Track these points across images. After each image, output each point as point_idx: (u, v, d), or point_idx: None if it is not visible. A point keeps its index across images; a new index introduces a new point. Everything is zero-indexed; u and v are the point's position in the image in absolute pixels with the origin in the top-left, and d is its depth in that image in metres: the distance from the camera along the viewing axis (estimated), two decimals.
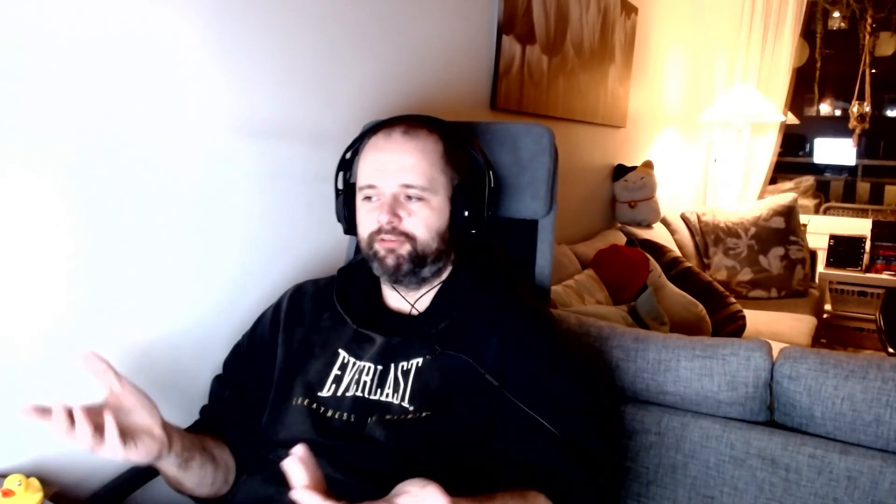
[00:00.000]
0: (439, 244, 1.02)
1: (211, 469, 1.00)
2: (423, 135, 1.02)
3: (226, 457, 1.04)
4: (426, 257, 1.01)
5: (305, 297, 1.12)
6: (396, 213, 0.99)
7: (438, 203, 1.01)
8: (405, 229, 0.99)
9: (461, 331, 1.00)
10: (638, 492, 1.32)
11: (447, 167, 1.03)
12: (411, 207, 1.00)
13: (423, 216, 1.00)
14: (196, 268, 1.22)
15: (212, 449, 1.02)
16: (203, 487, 1.00)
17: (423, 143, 1.01)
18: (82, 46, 1.00)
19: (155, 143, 1.12)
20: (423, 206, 1.00)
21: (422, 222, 1.00)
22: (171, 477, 0.97)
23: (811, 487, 1.19)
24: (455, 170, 1.04)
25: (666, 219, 3.37)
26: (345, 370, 1.02)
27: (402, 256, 0.99)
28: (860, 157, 7.72)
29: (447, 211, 1.03)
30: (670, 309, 2.36)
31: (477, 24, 1.99)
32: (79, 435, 0.81)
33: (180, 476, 0.96)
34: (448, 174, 1.03)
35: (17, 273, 0.97)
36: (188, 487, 0.99)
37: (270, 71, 1.30)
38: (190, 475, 0.97)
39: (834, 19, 5.82)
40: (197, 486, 1.00)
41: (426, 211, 1.00)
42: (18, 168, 0.95)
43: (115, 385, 0.86)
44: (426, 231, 1.00)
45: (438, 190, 1.01)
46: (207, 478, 1.00)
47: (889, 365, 1.19)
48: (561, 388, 0.96)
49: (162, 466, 0.94)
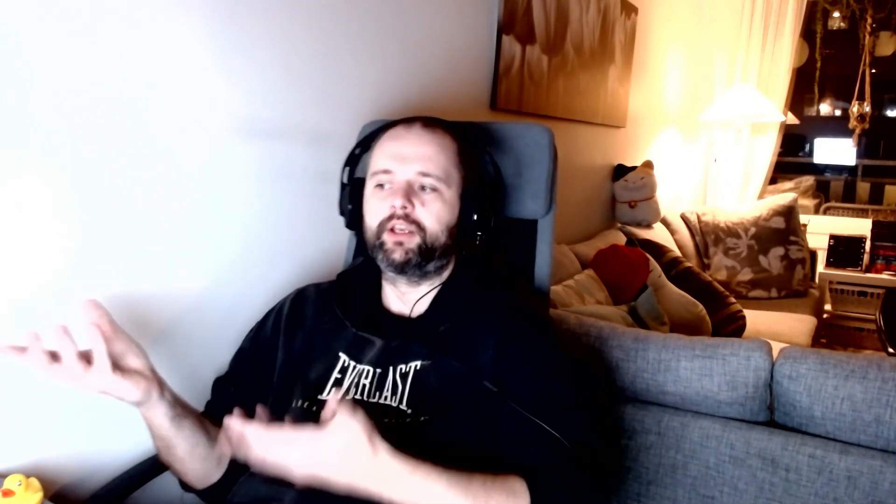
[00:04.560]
0: (447, 239, 1.03)
1: (203, 439, 0.99)
2: (441, 132, 1.05)
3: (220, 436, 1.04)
4: (434, 251, 1.02)
5: (307, 301, 1.12)
6: (411, 200, 1.00)
7: (450, 197, 1.03)
8: (417, 218, 1.00)
9: (460, 334, 1.00)
10: (638, 492, 1.32)
11: (461, 165, 1.05)
12: (425, 197, 1.01)
13: (435, 208, 1.01)
14: (196, 268, 1.22)
15: (206, 425, 1.01)
16: (195, 459, 0.98)
17: (440, 138, 1.04)
18: (82, 46, 1.00)
19: (155, 143, 1.12)
20: (436, 197, 1.01)
21: (433, 214, 1.01)
22: (163, 435, 0.95)
23: (811, 487, 1.19)
24: (468, 170, 1.06)
25: (666, 219, 3.37)
26: (345, 373, 1.02)
27: (410, 250, 1.00)
28: (860, 157, 7.72)
29: (457, 208, 1.04)
30: (670, 309, 2.36)
31: (477, 24, 1.99)
32: (64, 356, 0.80)
33: (172, 434, 0.94)
34: (461, 172, 1.05)
35: (16, 279, 0.97)
36: (180, 456, 0.97)
37: (270, 71, 1.30)
38: (182, 437, 0.95)
39: (834, 19, 5.82)
40: (189, 456, 0.97)
41: (438, 203, 1.01)
42: (17, 170, 0.95)
43: (107, 325, 0.86)
44: (437, 223, 1.01)
45: (452, 185, 1.03)
46: (200, 447, 0.98)
47: (889, 365, 1.19)
48: (558, 389, 0.96)
49: (154, 417, 0.92)
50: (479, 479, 0.83)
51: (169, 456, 0.99)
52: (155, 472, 1.11)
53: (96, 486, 1.08)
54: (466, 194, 1.04)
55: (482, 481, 0.83)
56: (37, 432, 1.02)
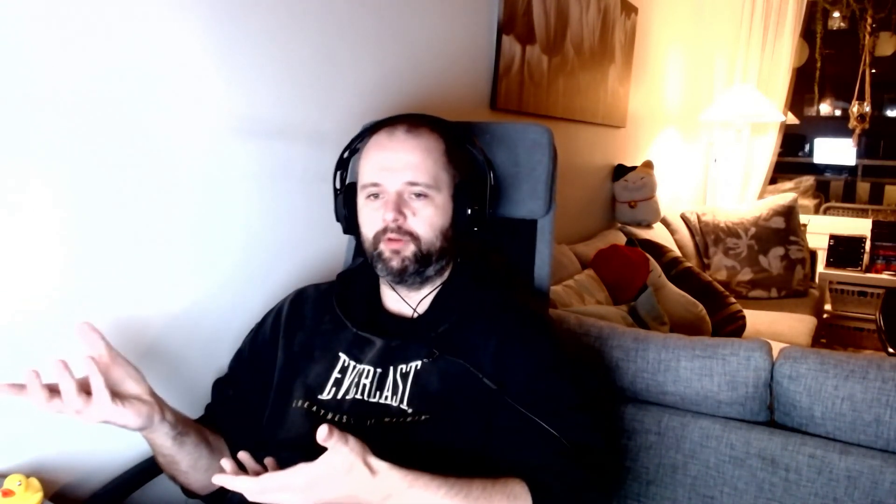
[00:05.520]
0: (443, 242, 1.02)
1: (206, 451, 1.00)
2: (426, 133, 1.03)
3: (221, 445, 1.04)
4: (431, 256, 1.01)
5: (307, 301, 1.12)
6: (402, 212, 0.99)
7: (442, 201, 1.02)
8: (410, 228, 1.00)
9: (460, 334, 1.00)
10: (638, 492, 1.32)
11: (449, 165, 1.03)
12: (415, 206, 1.00)
13: (426, 215, 1.00)
14: (195, 268, 1.22)
15: (207, 435, 1.02)
16: (198, 471, 0.99)
17: (426, 142, 1.02)
18: (83, 46, 1.00)
19: (154, 143, 1.12)
20: (426, 203, 1.00)
21: (426, 221, 1.00)
22: (166, 453, 0.96)
23: (811, 487, 1.19)
24: (456, 168, 1.05)
25: (666, 219, 3.37)
26: (345, 373, 1.02)
27: (407, 258, 1.00)
28: (860, 157, 7.71)
29: (450, 209, 1.03)
30: (670, 309, 2.36)
31: (477, 24, 1.99)
32: (64, 392, 0.80)
33: (175, 452, 0.95)
34: (450, 172, 1.03)
35: (16, 278, 0.97)
36: (183, 470, 0.98)
37: (270, 71, 1.30)
38: (185, 453, 0.96)
39: (834, 19, 5.82)
40: (192, 469, 0.99)
41: (430, 209, 1.00)
42: (18, 170, 0.95)
43: (104, 353, 0.86)
44: (430, 230, 1.01)
45: (442, 188, 1.02)
46: (203, 460, 0.99)
47: (889, 365, 1.19)
48: (558, 389, 0.96)
49: (156, 438, 0.93)
50: (478, 484, 0.83)
51: (172, 470, 1.00)
52: (155, 472, 1.10)
53: (96, 486, 1.08)
54: (458, 192, 1.04)
55: (482, 486, 0.83)
56: (37, 432, 1.01)
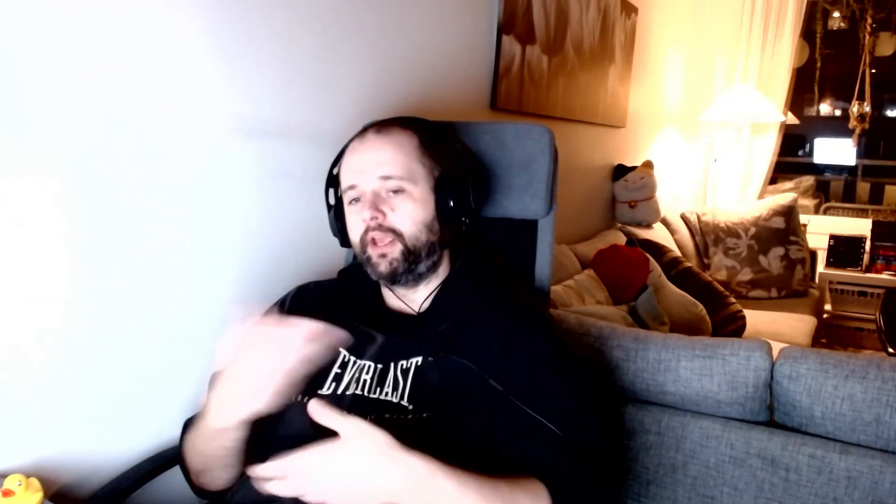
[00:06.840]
0: (428, 236, 1.02)
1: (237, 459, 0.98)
2: (396, 130, 1.03)
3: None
4: (419, 252, 1.01)
5: (308, 297, 1.13)
6: (379, 209, 0.99)
7: (420, 194, 1.01)
8: (391, 225, 1.00)
9: (462, 333, 1.00)
10: (638, 492, 1.32)
11: (425, 158, 1.03)
12: (393, 202, 1.00)
13: (406, 209, 1.00)
14: (196, 266, 1.22)
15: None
16: (226, 470, 0.98)
17: (396, 137, 1.02)
18: (83, 46, 1.00)
19: (155, 143, 1.12)
20: (404, 198, 1.00)
21: (406, 216, 1.00)
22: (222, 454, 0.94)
23: (811, 487, 1.19)
24: (435, 161, 1.04)
25: (666, 219, 3.37)
26: (345, 368, 1.02)
27: (395, 259, 1.00)
28: (860, 157, 7.72)
29: (431, 201, 1.03)
30: (670, 309, 2.36)
31: (477, 24, 1.99)
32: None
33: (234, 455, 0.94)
34: (427, 165, 1.03)
35: (17, 278, 0.97)
36: (219, 467, 0.97)
37: (271, 71, 1.30)
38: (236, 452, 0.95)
39: (834, 19, 5.82)
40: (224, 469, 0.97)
41: (409, 203, 1.00)
42: (19, 170, 0.95)
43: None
44: (412, 225, 1.01)
45: (418, 180, 1.01)
46: (230, 469, 0.98)
47: (889, 365, 1.19)
48: (563, 389, 0.96)
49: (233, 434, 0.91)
50: (504, 481, 0.83)
51: (209, 466, 0.98)
52: (155, 472, 1.11)
53: (96, 486, 1.08)
54: (439, 185, 1.03)
55: (507, 483, 0.83)
56: (37, 432, 1.02)
